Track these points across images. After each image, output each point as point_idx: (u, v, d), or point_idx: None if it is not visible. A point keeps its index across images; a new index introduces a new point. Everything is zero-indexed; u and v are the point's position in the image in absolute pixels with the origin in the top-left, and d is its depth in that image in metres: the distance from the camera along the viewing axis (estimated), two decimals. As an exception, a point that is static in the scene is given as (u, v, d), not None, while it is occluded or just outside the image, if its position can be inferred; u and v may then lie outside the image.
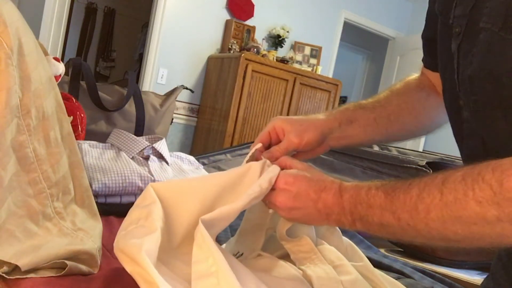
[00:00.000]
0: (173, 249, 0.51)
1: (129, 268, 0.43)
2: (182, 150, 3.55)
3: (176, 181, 0.59)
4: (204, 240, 0.45)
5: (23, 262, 0.48)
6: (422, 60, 0.75)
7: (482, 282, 0.66)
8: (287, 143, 0.65)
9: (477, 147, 0.55)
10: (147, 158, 1.03)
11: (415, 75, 0.79)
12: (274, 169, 0.56)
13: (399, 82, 0.78)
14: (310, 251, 0.59)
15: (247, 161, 0.63)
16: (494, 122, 0.50)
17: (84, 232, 0.58)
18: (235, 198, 0.54)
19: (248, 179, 0.57)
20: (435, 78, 0.72)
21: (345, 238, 0.67)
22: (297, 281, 0.53)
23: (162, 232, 0.48)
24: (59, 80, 1.12)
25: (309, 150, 0.67)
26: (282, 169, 0.57)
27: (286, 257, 0.61)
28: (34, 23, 3.01)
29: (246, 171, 0.58)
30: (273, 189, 0.55)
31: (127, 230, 0.49)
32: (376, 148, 1.78)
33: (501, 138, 0.49)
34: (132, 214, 0.52)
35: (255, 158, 0.65)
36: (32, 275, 0.50)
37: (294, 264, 0.59)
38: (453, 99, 0.57)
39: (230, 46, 3.63)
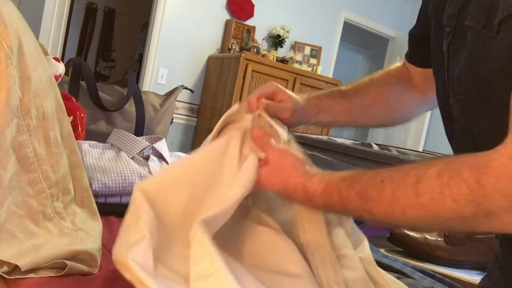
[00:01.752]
0: (170, 247, 0.51)
1: (126, 275, 0.44)
2: (182, 150, 3.54)
3: (161, 177, 0.58)
4: (202, 241, 0.45)
5: (23, 262, 0.48)
6: (406, 55, 0.77)
7: (480, 282, 0.66)
8: (284, 109, 0.68)
9: (467, 145, 0.55)
10: (147, 158, 1.03)
11: (397, 65, 0.80)
12: (253, 157, 0.56)
13: (381, 71, 0.80)
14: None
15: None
16: (480, 121, 0.50)
17: (84, 232, 0.58)
18: (223, 178, 0.55)
19: (231, 152, 0.57)
20: (417, 73, 0.74)
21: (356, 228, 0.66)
22: (297, 277, 0.53)
23: (156, 232, 0.48)
24: (59, 80, 1.12)
25: (289, 125, 0.71)
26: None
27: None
28: (34, 23, 3.01)
29: (226, 145, 0.57)
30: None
31: (120, 238, 0.49)
32: (376, 148, 1.78)
33: (488, 136, 0.50)
34: (126, 220, 0.52)
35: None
36: (32, 275, 0.50)
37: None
38: (444, 98, 0.58)
39: (230, 46, 3.63)
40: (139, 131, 1.39)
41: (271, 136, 0.59)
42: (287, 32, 3.94)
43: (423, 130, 4.49)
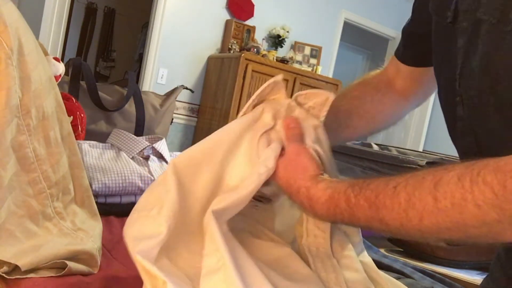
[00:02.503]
0: (184, 234, 0.49)
1: (132, 256, 0.43)
2: (182, 150, 3.53)
3: (193, 151, 0.54)
4: (213, 233, 0.44)
5: (23, 262, 0.48)
6: (397, 54, 0.75)
7: (482, 282, 0.66)
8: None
9: (471, 145, 0.54)
10: (147, 158, 1.03)
11: (372, 73, 0.80)
12: (277, 146, 0.53)
13: (355, 83, 0.79)
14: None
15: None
16: (488, 119, 0.49)
17: (84, 232, 0.58)
18: (240, 156, 0.53)
19: (257, 129, 0.55)
20: (405, 73, 0.74)
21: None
22: (306, 282, 0.52)
23: (174, 224, 0.46)
24: (59, 80, 1.12)
25: None
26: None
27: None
28: (34, 23, 3.01)
29: (254, 121, 0.55)
30: None
31: (139, 215, 0.47)
32: (376, 148, 1.78)
33: (495, 135, 0.49)
34: (151, 195, 0.49)
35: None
36: (32, 275, 0.50)
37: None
38: (449, 96, 0.57)
39: (230, 46, 3.63)
40: (139, 131, 1.39)
41: (302, 131, 0.56)
42: (287, 32, 3.94)
43: (423, 130, 4.49)
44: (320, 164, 0.54)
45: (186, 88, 1.66)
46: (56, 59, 1.09)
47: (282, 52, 3.98)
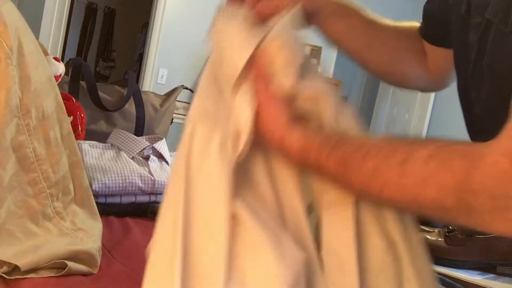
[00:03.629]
0: None
1: None
2: (182, 150, 3.54)
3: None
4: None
5: (23, 262, 0.48)
6: (421, 30, 0.71)
7: None
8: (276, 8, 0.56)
9: None
10: (147, 158, 1.03)
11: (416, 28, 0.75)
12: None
13: (405, 23, 0.75)
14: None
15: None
16: (501, 121, 0.48)
17: (84, 232, 0.58)
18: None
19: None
20: (426, 48, 0.70)
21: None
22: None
23: None
24: (59, 80, 1.12)
25: None
26: None
27: None
28: (34, 23, 3.01)
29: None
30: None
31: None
32: (376, 148, 1.77)
33: None
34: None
35: None
36: (32, 275, 0.50)
37: None
38: (465, 92, 0.55)
39: (230, 46, 3.63)
40: (139, 131, 1.39)
41: (271, 76, 0.49)
42: (287, 32, 3.94)
43: (423, 129, 4.49)
44: (294, 108, 0.49)
45: (186, 88, 1.66)
46: (56, 59, 1.09)
47: (282, 52, 3.98)
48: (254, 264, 0.39)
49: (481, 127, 0.53)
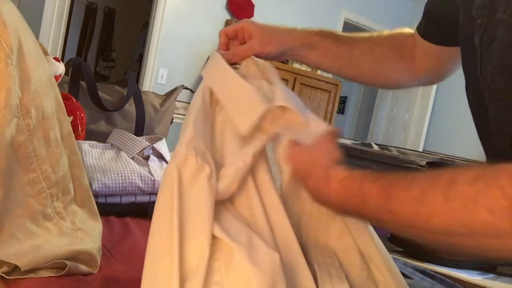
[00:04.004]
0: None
1: None
2: (182, 150, 3.53)
3: None
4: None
5: (23, 262, 0.48)
6: (419, 28, 0.72)
7: None
8: (250, 48, 0.65)
9: (503, 147, 0.50)
10: (147, 158, 1.03)
11: (407, 31, 0.77)
12: (259, 143, 0.51)
13: (387, 32, 0.77)
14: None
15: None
16: None
17: (84, 232, 0.58)
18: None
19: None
20: (423, 48, 0.72)
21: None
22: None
23: None
24: (59, 80, 1.12)
25: (266, 57, 0.67)
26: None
27: None
28: (34, 23, 3.01)
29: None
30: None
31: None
32: (376, 148, 1.78)
33: None
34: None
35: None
36: (32, 275, 0.50)
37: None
38: (476, 95, 0.54)
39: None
40: (139, 131, 1.39)
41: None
42: (287, 32, 3.94)
43: (423, 130, 4.49)
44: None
45: (186, 88, 1.66)
46: (56, 59, 1.09)
47: (282, 52, 3.98)
48: (230, 271, 0.41)
49: (497, 130, 0.51)
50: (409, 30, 0.77)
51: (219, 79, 0.58)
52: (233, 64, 0.63)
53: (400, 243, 0.99)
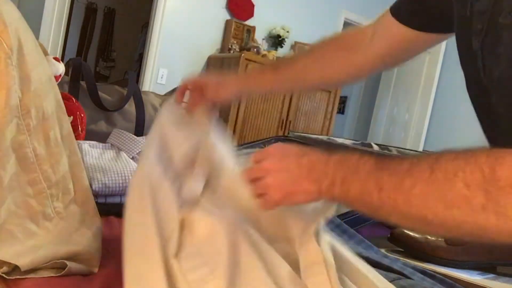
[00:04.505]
0: None
1: None
2: (182, 150, 3.53)
3: None
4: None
5: (23, 262, 0.48)
6: (396, 11, 0.72)
7: None
8: (205, 96, 0.76)
9: None
10: (147, 158, 1.03)
11: (350, 30, 0.82)
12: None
13: (327, 38, 0.82)
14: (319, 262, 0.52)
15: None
16: None
17: (84, 232, 0.58)
18: None
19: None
20: (396, 28, 0.71)
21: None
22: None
23: None
24: (59, 80, 1.12)
25: (222, 102, 0.79)
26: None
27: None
28: (34, 23, 3.01)
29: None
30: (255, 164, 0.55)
31: None
32: (376, 148, 1.77)
33: None
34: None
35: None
36: (32, 275, 0.50)
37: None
38: (481, 96, 0.54)
39: (230, 46, 3.63)
40: (139, 131, 1.39)
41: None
42: (287, 32, 3.94)
43: (423, 129, 4.49)
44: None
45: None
46: (56, 59, 1.09)
47: (282, 52, 3.98)
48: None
49: (506, 128, 0.52)
50: (350, 29, 0.83)
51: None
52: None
53: (400, 243, 0.99)
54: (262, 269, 0.49)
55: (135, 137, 1.05)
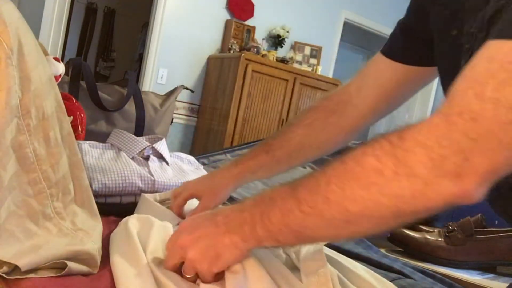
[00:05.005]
0: None
1: None
2: (182, 150, 3.55)
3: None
4: None
5: (23, 262, 0.48)
6: (386, 50, 0.72)
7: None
8: (203, 207, 0.76)
9: None
10: (147, 158, 1.03)
11: (330, 94, 0.80)
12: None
13: (309, 110, 0.80)
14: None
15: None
16: None
17: (84, 232, 0.58)
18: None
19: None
20: (390, 69, 0.71)
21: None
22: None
23: None
24: (59, 80, 1.12)
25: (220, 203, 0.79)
26: None
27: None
28: (34, 23, 3.01)
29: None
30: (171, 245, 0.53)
31: None
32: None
33: None
34: None
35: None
36: (32, 275, 0.50)
37: None
38: None
39: (230, 46, 3.63)
40: (139, 131, 1.39)
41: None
42: (287, 32, 3.94)
43: (423, 130, 4.49)
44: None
45: (186, 88, 1.66)
46: (56, 59, 1.09)
47: (282, 52, 3.98)
48: None
49: None
50: (328, 94, 0.81)
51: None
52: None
53: (400, 243, 0.99)
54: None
55: (135, 137, 1.05)
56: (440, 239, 0.96)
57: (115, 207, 0.90)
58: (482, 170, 0.35)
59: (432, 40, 0.62)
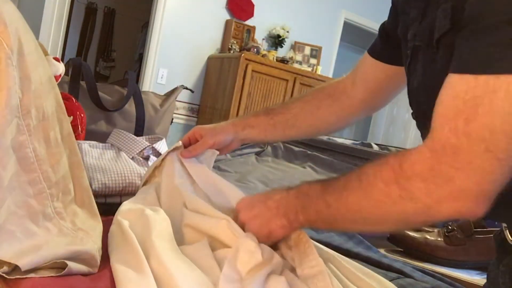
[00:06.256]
0: None
1: None
2: (182, 150, 3.54)
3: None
4: None
5: (23, 262, 0.48)
6: (371, 50, 0.80)
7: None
8: (203, 143, 0.83)
9: None
10: (147, 158, 1.03)
11: (333, 81, 0.89)
12: None
13: (312, 89, 0.90)
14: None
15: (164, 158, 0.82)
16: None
17: (84, 232, 0.58)
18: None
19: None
20: (375, 67, 0.78)
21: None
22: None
23: None
24: (59, 80, 1.12)
25: (223, 147, 0.86)
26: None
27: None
28: (34, 23, 3.01)
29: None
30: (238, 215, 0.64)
31: None
32: (376, 148, 1.77)
33: None
34: None
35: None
36: (32, 275, 0.50)
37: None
38: (422, 115, 0.62)
39: (230, 46, 3.63)
40: (139, 131, 1.38)
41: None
42: (287, 32, 3.94)
43: (423, 130, 4.49)
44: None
45: (186, 88, 1.66)
46: (56, 59, 1.09)
47: (282, 52, 3.98)
48: None
49: (421, 132, 0.61)
50: (332, 81, 0.90)
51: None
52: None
53: (400, 243, 0.99)
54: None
55: (135, 137, 1.05)
56: (439, 239, 0.96)
57: (115, 207, 0.89)
58: (474, 194, 0.41)
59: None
